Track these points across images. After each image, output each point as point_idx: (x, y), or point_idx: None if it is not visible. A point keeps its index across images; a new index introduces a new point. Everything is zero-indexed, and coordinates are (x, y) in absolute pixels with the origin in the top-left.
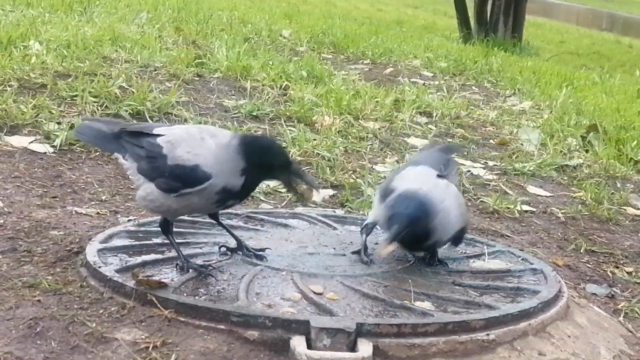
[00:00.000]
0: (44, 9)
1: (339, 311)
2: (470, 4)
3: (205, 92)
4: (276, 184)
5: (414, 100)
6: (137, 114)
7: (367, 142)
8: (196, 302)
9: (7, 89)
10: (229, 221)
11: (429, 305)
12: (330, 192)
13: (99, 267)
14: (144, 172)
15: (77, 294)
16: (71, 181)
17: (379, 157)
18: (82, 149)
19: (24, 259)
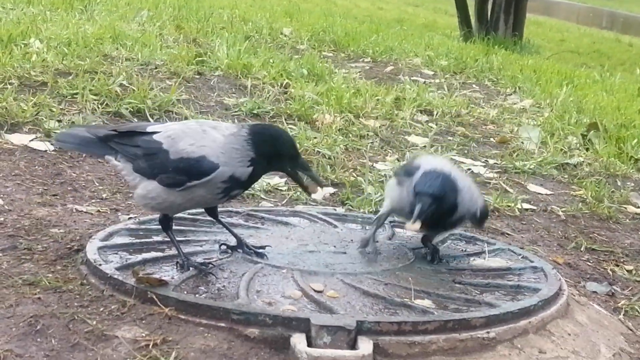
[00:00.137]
0: (44, 7)
1: (339, 309)
2: (470, 3)
3: (205, 90)
4: (278, 182)
5: (414, 98)
6: (137, 112)
7: (368, 140)
8: (196, 299)
9: (7, 86)
10: (229, 219)
11: (429, 303)
12: (330, 190)
13: (100, 264)
14: (141, 170)
15: (78, 292)
16: (72, 179)
17: (380, 156)
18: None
19: (24, 257)
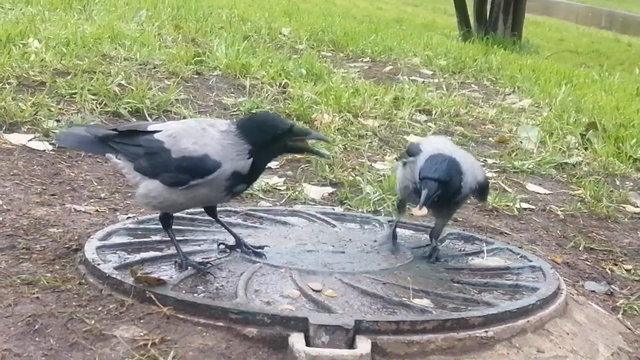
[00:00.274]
0: (43, 7)
1: (337, 308)
2: (469, 2)
3: (204, 90)
4: (276, 181)
5: (413, 98)
6: (136, 112)
7: (367, 140)
8: (195, 299)
9: (6, 86)
10: (227, 219)
11: (427, 302)
12: (329, 189)
13: (98, 264)
14: (143, 169)
15: (76, 291)
16: (70, 179)
17: (378, 155)
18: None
19: (22, 257)
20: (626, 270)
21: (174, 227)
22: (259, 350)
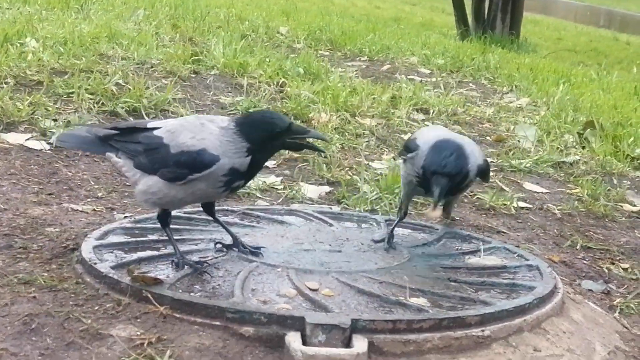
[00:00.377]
0: (40, 6)
1: (334, 307)
2: (468, 1)
3: (201, 89)
4: (273, 180)
5: (410, 97)
6: (133, 111)
7: (364, 139)
8: (191, 298)
9: (3, 86)
10: (224, 218)
11: (424, 301)
12: (326, 188)
13: (95, 263)
14: (142, 166)
15: (73, 291)
16: (67, 178)
17: (376, 154)
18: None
19: (19, 256)
20: (623, 269)
21: (171, 226)
22: (255, 349)
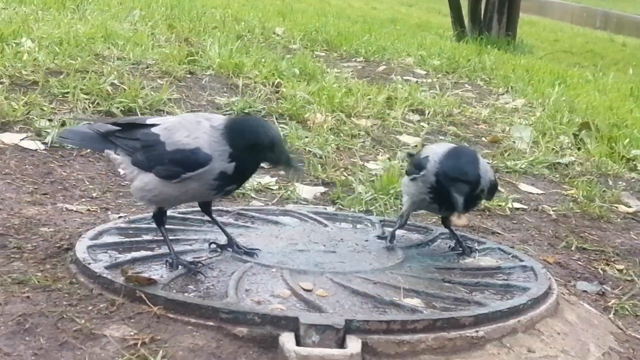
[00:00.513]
0: (36, 6)
1: (328, 308)
2: (464, 2)
3: (197, 90)
4: (268, 181)
5: (406, 98)
6: (128, 111)
7: (359, 140)
8: (185, 298)
9: None
10: (219, 218)
11: (418, 302)
12: (321, 189)
13: (89, 263)
14: (139, 163)
15: (67, 291)
16: (62, 178)
17: (371, 155)
18: (73, 146)
19: (13, 256)
20: (618, 270)
21: (166, 226)
22: (249, 349)
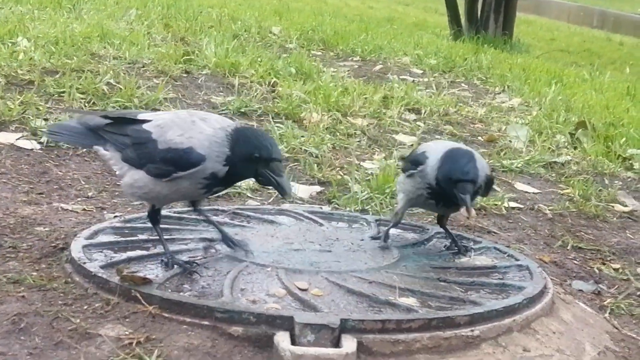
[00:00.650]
0: (32, 5)
1: (323, 307)
2: (461, 2)
3: (193, 89)
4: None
5: (402, 97)
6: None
7: (355, 139)
8: (180, 298)
9: None
10: (215, 217)
11: (413, 301)
12: (317, 188)
13: (84, 263)
14: (130, 160)
15: (62, 290)
16: (58, 177)
17: (367, 154)
18: (69, 146)
19: (9, 255)
20: (614, 269)
21: (161, 225)
22: (244, 349)
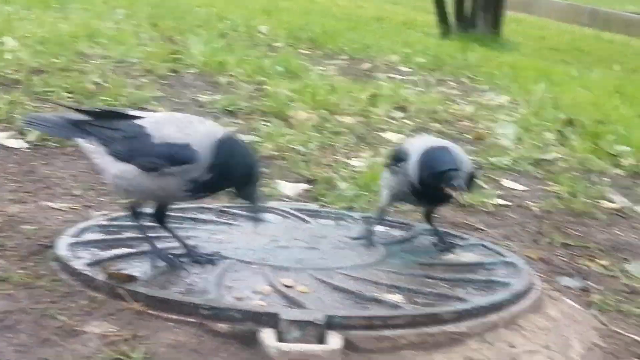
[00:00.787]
0: (20, 5)
1: (309, 304)
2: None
3: (180, 88)
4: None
5: (390, 95)
6: None
7: (343, 137)
8: (166, 295)
9: None
10: (201, 215)
11: (399, 297)
12: (304, 186)
13: (70, 261)
14: (117, 153)
15: (48, 288)
16: (45, 176)
17: (354, 152)
18: (56, 145)
19: None
20: (602, 265)
21: (146, 223)
22: (230, 346)
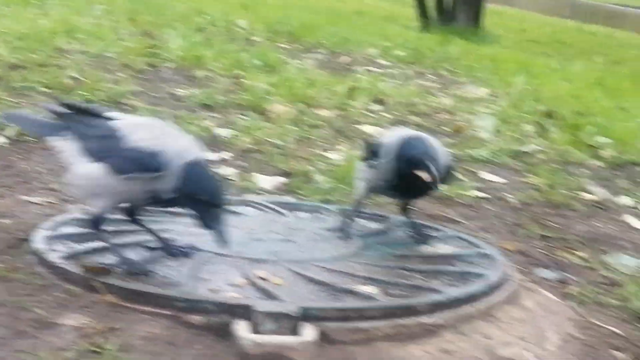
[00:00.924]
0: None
1: (284, 296)
2: None
3: (157, 82)
4: (227, 172)
5: (368, 88)
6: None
7: (320, 130)
8: (141, 287)
9: None
10: (179, 209)
11: (374, 289)
12: (281, 179)
13: (46, 254)
14: (90, 152)
15: (25, 281)
16: (22, 171)
17: (332, 145)
18: (35, 140)
19: None
20: (580, 257)
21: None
22: (205, 338)
